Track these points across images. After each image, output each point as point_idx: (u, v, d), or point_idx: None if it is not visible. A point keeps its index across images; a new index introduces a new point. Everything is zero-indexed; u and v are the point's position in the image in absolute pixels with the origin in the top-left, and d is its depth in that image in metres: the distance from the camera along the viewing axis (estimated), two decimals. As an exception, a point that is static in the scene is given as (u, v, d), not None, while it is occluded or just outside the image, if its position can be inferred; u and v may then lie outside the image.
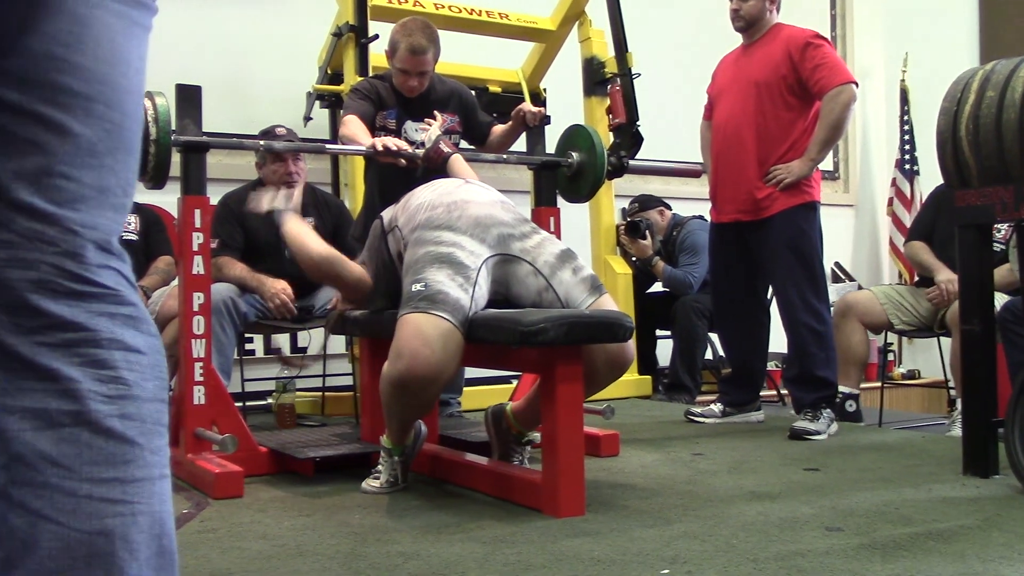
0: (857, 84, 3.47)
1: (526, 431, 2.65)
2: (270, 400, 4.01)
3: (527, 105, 3.33)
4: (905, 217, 6.37)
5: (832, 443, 3.27)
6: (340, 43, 4.14)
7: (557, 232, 3.23)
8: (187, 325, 2.70)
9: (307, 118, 4.23)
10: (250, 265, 3.56)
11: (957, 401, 3.42)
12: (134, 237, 3.77)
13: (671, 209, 5.02)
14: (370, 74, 3.90)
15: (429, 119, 3.11)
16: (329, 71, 4.31)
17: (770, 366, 4.55)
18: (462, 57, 4.47)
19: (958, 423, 3.22)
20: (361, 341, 3.21)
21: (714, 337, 4.67)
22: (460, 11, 4.49)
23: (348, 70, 4.14)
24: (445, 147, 2.97)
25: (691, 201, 5.18)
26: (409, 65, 3.18)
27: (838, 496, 2.40)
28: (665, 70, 5.24)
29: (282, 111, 4.28)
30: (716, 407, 3.77)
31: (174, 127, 2.66)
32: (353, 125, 3.07)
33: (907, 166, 6.52)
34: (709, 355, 4.88)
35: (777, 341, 3.82)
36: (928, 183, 5.95)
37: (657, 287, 5.08)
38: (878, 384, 4.59)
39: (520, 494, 2.36)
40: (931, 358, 5.39)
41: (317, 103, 4.30)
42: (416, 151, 2.96)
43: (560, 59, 4.84)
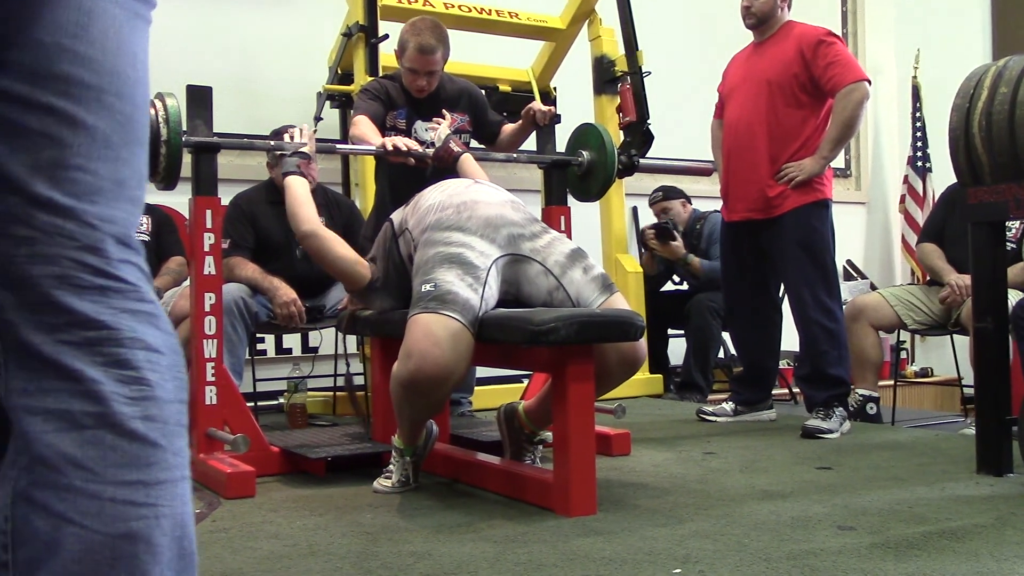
0: (870, 82, 3.45)
1: (538, 430, 2.65)
2: (281, 400, 4.01)
3: (537, 104, 3.33)
4: (917, 214, 6.33)
5: (844, 441, 3.25)
6: (350, 43, 4.15)
7: (568, 231, 3.22)
8: (199, 325, 2.71)
9: (317, 118, 4.23)
10: (261, 265, 3.57)
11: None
12: (146, 238, 3.78)
13: (691, 203, 5.00)
14: (380, 74, 3.91)
15: (438, 118, 3.12)
16: (339, 71, 4.32)
17: (782, 364, 4.53)
18: (472, 56, 4.47)
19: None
20: (372, 341, 3.21)
21: (727, 336, 4.65)
22: (470, 10, 4.49)
23: (358, 70, 4.14)
24: (455, 146, 2.97)
25: (702, 199, 5.16)
26: (418, 65, 3.18)
27: (851, 495, 2.39)
28: (675, 68, 5.23)
29: (293, 111, 4.30)
30: (728, 406, 3.76)
31: (185, 128, 2.66)
32: (363, 125, 3.07)
33: (919, 163, 6.47)
34: (721, 354, 4.86)
35: (789, 339, 3.80)
36: (940, 180, 5.93)
37: (668, 286, 5.06)
38: (891, 382, 4.56)
39: (532, 493, 2.36)
40: (944, 356, 5.36)
41: (328, 103, 4.31)
42: (426, 151, 2.96)
43: (570, 58, 4.83)
